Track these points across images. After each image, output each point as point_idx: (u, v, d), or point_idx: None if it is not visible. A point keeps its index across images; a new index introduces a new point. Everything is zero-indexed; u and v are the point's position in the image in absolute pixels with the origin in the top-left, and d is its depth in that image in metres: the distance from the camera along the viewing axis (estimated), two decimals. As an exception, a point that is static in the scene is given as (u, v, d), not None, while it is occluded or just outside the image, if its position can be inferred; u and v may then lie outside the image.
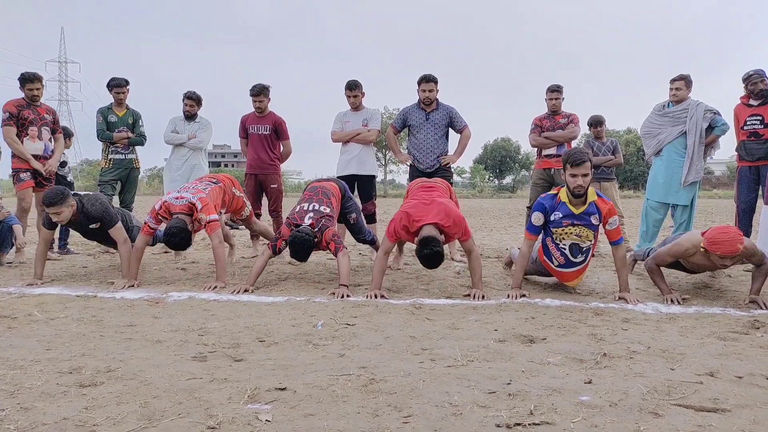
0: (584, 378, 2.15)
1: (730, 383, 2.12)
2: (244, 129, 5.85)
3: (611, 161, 6.41)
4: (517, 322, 3.10)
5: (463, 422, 1.74)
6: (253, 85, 5.72)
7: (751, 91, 5.13)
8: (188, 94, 6.26)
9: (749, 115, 5.17)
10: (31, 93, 5.39)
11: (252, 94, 5.71)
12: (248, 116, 5.85)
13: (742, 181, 5.23)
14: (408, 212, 3.88)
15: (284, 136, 5.85)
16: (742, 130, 5.21)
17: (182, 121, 6.27)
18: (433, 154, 5.51)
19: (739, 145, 5.26)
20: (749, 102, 5.19)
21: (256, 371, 2.23)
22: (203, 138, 6.27)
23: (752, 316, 3.25)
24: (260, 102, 5.69)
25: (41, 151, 5.47)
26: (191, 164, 6.25)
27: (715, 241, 3.40)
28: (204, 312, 3.35)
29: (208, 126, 6.34)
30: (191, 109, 6.23)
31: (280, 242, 4.13)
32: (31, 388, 2.03)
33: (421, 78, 5.49)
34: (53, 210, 4.08)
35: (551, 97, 5.97)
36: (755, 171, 5.12)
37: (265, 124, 5.74)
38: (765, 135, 5.06)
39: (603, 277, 4.64)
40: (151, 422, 1.74)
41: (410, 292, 4.01)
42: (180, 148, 6.24)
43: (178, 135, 6.22)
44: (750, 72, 5.17)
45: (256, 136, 5.76)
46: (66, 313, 3.29)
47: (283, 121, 5.82)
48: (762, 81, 5.09)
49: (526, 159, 61.69)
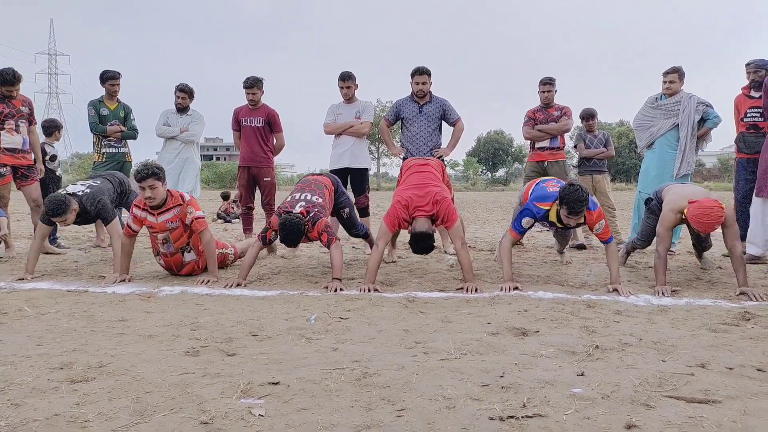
0: (577, 370, 2.16)
1: (720, 374, 2.13)
2: (237, 121, 5.77)
3: (603, 154, 6.43)
4: (509, 315, 3.10)
5: (457, 415, 1.74)
6: (246, 78, 5.66)
7: (748, 80, 5.11)
8: (180, 87, 6.20)
9: (750, 106, 5.11)
10: (9, 93, 5.21)
11: (245, 86, 5.64)
12: (241, 108, 5.79)
13: (740, 173, 5.23)
14: (404, 204, 3.94)
15: (277, 128, 5.79)
16: (742, 122, 5.16)
17: (174, 114, 6.22)
18: (426, 146, 5.49)
19: (738, 137, 5.22)
20: (750, 93, 5.14)
21: (249, 366, 2.23)
22: (195, 131, 6.23)
23: (742, 308, 3.28)
24: (253, 94, 5.62)
25: (20, 144, 5.29)
26: (183, 157, 6.21)
27: (697, 219, 3.58)
28: (196, 306, 3.34)
29: (200, 119, 6.30)
30: (183, 101, 6.18)
31: (270, 232, 4.09)
32: (22, 384, 2.01)
33: (415, 70, 5.47)
34: (59, 220, 4.16)
35: (544, 89, 5.97)
36: (753, 163, 5.07)
37: (259, 117, 5.68)
38: (765, 128, 5.01)
39: (595, 270, 4.66)
40: (143, 417, 1.73)
41: (403, 285, 4.01)
42: (172, 141, 6.20)
43: (170, 128, 6.18)
44: (749, 61, 5.12)
45: (249, 128, 5.69)
46: (57, 308, 3.27)
47: (276, 113, 5.76)
48: (756, 72, 5.06)
49: (519, 152, 61.76)
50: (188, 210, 4.17)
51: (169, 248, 4.22)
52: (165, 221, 4.15)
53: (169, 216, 4.16)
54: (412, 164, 4.48)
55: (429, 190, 3.98)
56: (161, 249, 4.24)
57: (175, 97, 6.20)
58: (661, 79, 5.48)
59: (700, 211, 3.55)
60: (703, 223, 3.56)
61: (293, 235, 3.87)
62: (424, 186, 4.05)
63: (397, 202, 3.96)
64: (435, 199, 3.92)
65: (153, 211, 4.14)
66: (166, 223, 4.16)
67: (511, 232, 4.01)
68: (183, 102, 6.19)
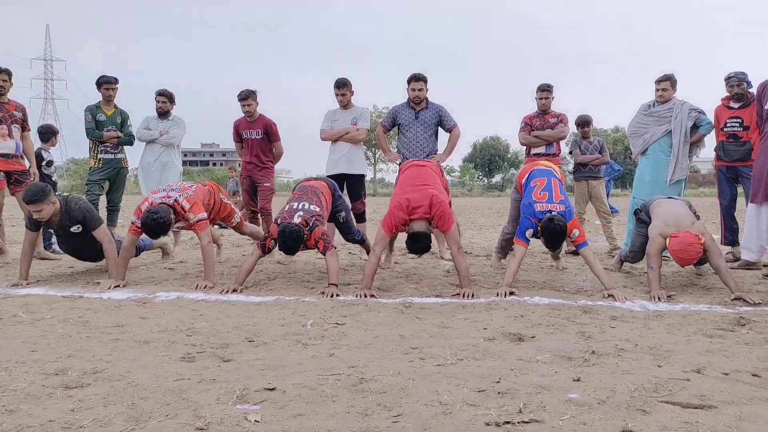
0: (573, 376, 2.16)
1: (716, 380, 2.14)
2: (239, 134, 5.93)
3: (598, 160, 6.46)
4: (506, 321, 3.11)
5: (453, 421, 1.74)
6: (241, 90, 5.79)
7: (730, 93, 5.24)
8: (160, 92, 6.32)
9: (729, 117, 5.30)
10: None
11: (239, 99, 5.76)
12: (240, 121, 5.92)
13: (721, 180, 5.44)
14: (402, 207, 3.93)
15: (275, 138, 5.92)
16: (722, 131, 5.35)
17: (155, 119, 6.32)
18: (423, 152, 5.50)
19: (718, 145, 5.42)
20: (729, 104, 5.30)
21: (245, 371, 2.22)
22: (175, 134, 6.32)
23: (738, 313, 3.29)
24: (248, 106, 5.72)
25: (12, 149, 5.23)
26: (163, 161, 6.29)
27: (676, 254, 3.71)
28: (192, 312, 3.33)
29: (181, 123, 6.38)
30: (164, 105, 6.27)
31: (269, 241, 4.10)
32: (17, 390, 2.00)
33: (411, 77, 5.49)
34: (34, 208, 3.99)
35: (541, 96, 5.99)
36: (732, 170, 5.32)
37: (257, 129, 5.82)
38: (743, 137, 5.21)
39: (591, 275, 4.66)
40: (138, 424, 1.72)
41: (400, 291, 4.01)
42: (152, 145, 6.28)
43: (150, 131, 6.26)
44: (730, 74, 5.28)
45: (250, 140, 5.86)
46: (52, 313, 3.25)
47: (273, 123, 5.88)
48: (738, 85, 5.20)
49: (515, 158, 61.85)
50: (188, 217, 4.21)
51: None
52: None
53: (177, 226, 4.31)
54: (410, 165, 4.51)
55: (427, 192, 3.99)
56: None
57: (156, 102, 6.29)
58: (654, 87, 5.53)
59: (679, 247, 3.68)
60: (682, 259, 3.72)
61: (292, 243, 3.89)
62: (422, 187, 4.05)
63: (395, 206, 3.97)
64: (432, 202, 3.93)
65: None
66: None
67: (520, 242, 4.05)
68: (164, 106, 6.28)
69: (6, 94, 5.30)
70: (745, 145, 5.17)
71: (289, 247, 3.93)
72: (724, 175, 5.39)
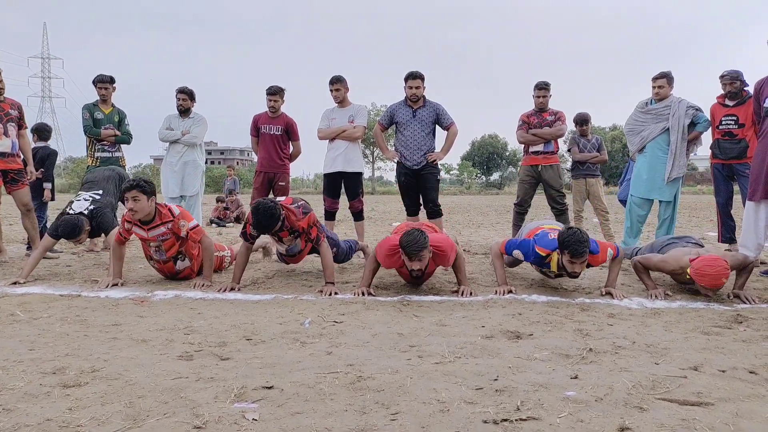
0: (570, 373, 2.16)
1: (713, 377, 2.15)
2: (256, 128, 5.99)
3: (596, 158, 6.47)
4: (504, 318, 3.11)
5: (451, 418, 1.74)
6: (270, 86, 5.93)
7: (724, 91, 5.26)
8: (180, 89, 6.31)
9: (724, 114, 5.31)
10: None
11: (268, 93, 5.90)
12: (260, 116, 5.99)
13: (717, 178, 5.46)
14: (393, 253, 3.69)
15: (295, 137, 6.04)
16: (717, 129, 5.37)
17: (177, 118, 6.31)
18: (420, 151, 5.50)
19: (714, 143, 5.43)
20: (725, 102, 5.31)
21: (243, 370, 2.22)
22: (197, 133, 6.31)
23: (735, 311, 3.30)
24: (275, 102, 5.87)
25: (8, 148, 5.18)
26: (185, 160, 6.28)
27: (701, 273, 3.41)
28: (190, 311, 3.33)
29: (202, 121, 6.37)
30: (184, 103, 6.27)
31: (249, 227, 3.98)
32: (14, 389, 2.00)
33: (408, 75, 5.48)
34: (74, 241, 4.42)
35: (538, 94, 6.00)
36: (728, 168, 5.33)
37: (278, 125, 5.91)
38: (739, 135, 5.22)
39: (589, 273, 4.67)
40: (136, 422, 1.72)
41: (398, 289, 4.01)
42: (175, 145, 6.27)
43: (172, 132, 6.25)
44: (724, 72, 5.29)
45: (267, 135, 5.92)
46: (49, 312, 3.25)
47: (294, 122, 6.01)
48: (731, 83, 5.21)
49: (513, 156, 61.96)
50: (180, 224, 4.13)
51: (161, 256, 4.21)
52: (155, 236, 4.13)
53: (158, 232, 4.12)
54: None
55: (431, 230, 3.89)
56: (153, 256, 4.23)
57: (176, 99, 6.30)
58: (651, 84, 5.54)
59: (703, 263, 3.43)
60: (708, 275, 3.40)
61: (267, 220, 3.75)
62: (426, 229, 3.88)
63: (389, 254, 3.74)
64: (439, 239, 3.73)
65: (143, 226, 4.11)
66: (156, 237, 4.14)
67: (502, 246, 3.96)
68: (184, 104, 6.27)
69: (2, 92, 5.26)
70: (740, 142, 5.19)
71: (263, 225, 3.79)
72: (720, 172, 5.40)
